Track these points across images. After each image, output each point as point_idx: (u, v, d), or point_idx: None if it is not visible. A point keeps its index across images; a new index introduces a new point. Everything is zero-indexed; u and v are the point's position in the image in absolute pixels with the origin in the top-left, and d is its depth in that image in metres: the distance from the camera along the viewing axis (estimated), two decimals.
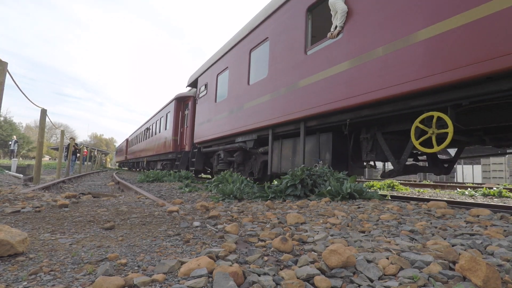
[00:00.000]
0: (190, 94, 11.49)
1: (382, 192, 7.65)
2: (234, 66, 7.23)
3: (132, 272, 1.24)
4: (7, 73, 4.51)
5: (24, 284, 1.11)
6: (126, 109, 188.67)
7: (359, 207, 2.88)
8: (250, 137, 6.51)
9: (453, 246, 1.53)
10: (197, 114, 9.75)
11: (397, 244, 1.60)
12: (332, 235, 1.88)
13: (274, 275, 1.21)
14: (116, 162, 42.60)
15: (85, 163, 20.73)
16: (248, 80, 6.47)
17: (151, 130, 17.52)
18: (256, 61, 6.32)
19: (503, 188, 7.41)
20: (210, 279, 1.13)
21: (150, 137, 17.59)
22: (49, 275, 1.20)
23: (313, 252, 1.53)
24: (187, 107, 11.85)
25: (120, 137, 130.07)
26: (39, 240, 1.69)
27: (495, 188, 7.46)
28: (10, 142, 23.33)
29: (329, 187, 3.68)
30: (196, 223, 2.22)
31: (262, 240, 1.84)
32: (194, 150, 10.00)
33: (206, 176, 13.44)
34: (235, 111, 6.93)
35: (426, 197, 6.10)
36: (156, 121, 16.17)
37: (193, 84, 10.63)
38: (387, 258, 1.32)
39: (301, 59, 4.88)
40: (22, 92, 5.82)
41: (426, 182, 10.52)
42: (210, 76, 8.83)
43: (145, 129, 19.50)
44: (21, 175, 9.85)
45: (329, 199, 3.40)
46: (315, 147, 4.92)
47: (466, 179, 18.71)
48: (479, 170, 18.09)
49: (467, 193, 7.45)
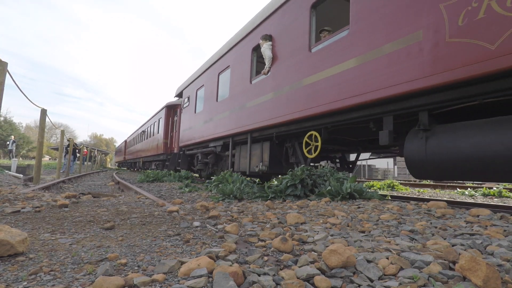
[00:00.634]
0: (179, 103, 12.91)
1: (382, 192, 7.65)
2: (208, 85, 8.95)
3: (132, 272, 1.24)
4: (7, 73, 4.51)
5: (24, 284, 1.11)
6: (126, 109, 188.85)
7: (359, 207, 2.88)
8: (219, 143, 8.12)
9: (453, 246, 1.53)
10: (182, 122, 11.37)
11: (397, 244, 1.60)
12: (332, 235, 1.88)
13: (274, 275, 1.21)
14: (116, 162, 44.24)
15: (85, 163, 20.73)
16: (217, 98, 8.17)
17: (146, 133, 19.20)
18: (223, 83, 8.01)
19: (503, 188, 7.42)
20: (210, 279, 1.13)
21: (145, 140, 19.29)
22: (49, 275, 1.20)
23: (313, 252, 1.53)
24: (176, 114, 13.42)
25: (120, 137, 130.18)
26: (39, 240, 1.69)
27: (495, 188, 7.46)
28: (8, 142, 23.30)
29: (329, 187, 3.68)
30: (196, 223, 2.22)
31: (262, 240, 1.84)
32: (180, 153, 11.38)
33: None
34: (208, 121, 8.63)
35: (426, 197, 6.10)
36: (150, 125, 17.93)
37: (180, 95, 12.26)
38: (387, 258, 1.32)
39: (248, 87, 6.55)
40: (22, 92, 5.83)
41: (426, 182, 10.53)
42: (192, 91, 10.47)
43: (141, 132, 21.26)
44: (21, 175, 9.85)
45: (329, 199, 3.40)
46: (259, 152, 6.28)
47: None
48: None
49: (467, 193, 7.46)
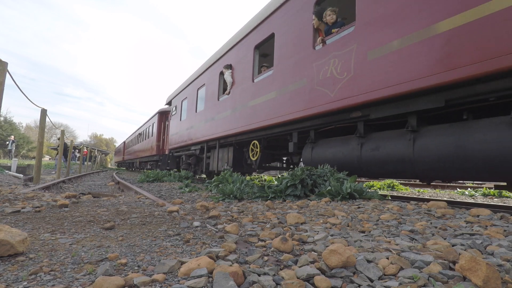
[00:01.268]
0: (169, 110, 14.46)
1: (382, 192, 7.65)
2: (190, 98, 10.69)
3: (132, 272, 1.24)
4: (7, 73, 4.51)
5: (24, 284, 1.11)
6: (126, 109, 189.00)
7: (359, 207, 2.88)
8: (198, 147, 9.74)
9: (453, 246, 1.53)
10: (170, 128, 13.17)
11: (397, 244, 1.60)
12: (332, 235, 1.88)
13: (274, 275, 1.21)
14: (115, 162, 45.82)
15: (85, 163, 20.72)
16: (196, 109, 9.88)
17: (142, 136, 20.92)
18: (200, 97, 9.68)
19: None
20: (210, 279, 1.13)
21: (141, 142, 20.98)
22: (49, 275, 1.20)
23: (313, 252, 1.53)
24: (167, 119, 14.95)
25: (120, 137, 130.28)
26: (39, 240, 1.69)
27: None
28: (8, 142, 23.29)
29: (329, 187, 3.68)
30: (196, 223, 2.22)
31: (262, 240, 1.84)
32: (170, 154, 13.04)
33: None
34: (189, 128, 10.34)
35: (426, 197, 6.10)
36: (146, 129, 19.75)
37: (169, 104, 14.15)
38: (387, 258, 1.32)
39: (216, 103, 8.20)
40: (22, 92, 5.83)
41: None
42: (178, 101, 12.33)
43: (138, 134, 22.99)
44: (21, 175, 9.84)
45: (329, 199, 3.40)
46: (226, 155, 7.90)
47: None
48: None
49: (467, 193, 7.45)
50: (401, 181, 10.83)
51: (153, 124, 16.96)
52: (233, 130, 6.94)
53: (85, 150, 22.38)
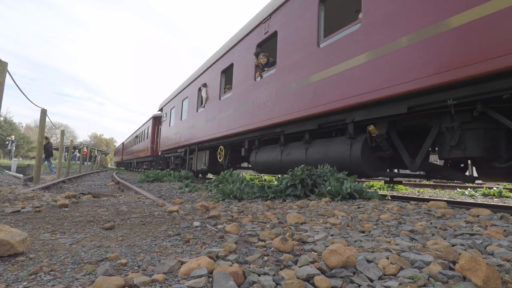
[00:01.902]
0: (162, 115, 16.20)
1: (382, 192, 7.65)
2: (177, 107, 12.54)
3: (132, 272, 1.24)
4: (7, 73, 4.51)
5: (24, 284, 1.11)
6: (126, 109, 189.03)
7: (359, 207, 2.88)
8: (183, 150, 11.41)
9: (453, 246, 1.53)
10: (162, 132, 15.02)
11: (397, 244, 1.60)
12: (332, 235, 1.88)
13: (274, 275, 1.21)
14: (114, 162, 47.52)
15: (85, 163, 20.71)
16: (181, 117, 11.63)
17: (139, 138, 22.65)
18: (185, 107, 11.39)
19: (503, 188, 7.42)
20: (210, 279, 1.13)
21: (138, 143, 22.73)
22: (49, 275, 1.20)
23: (313, 252, 1.53)
24: (160, 124, 16.49)
25: (120, 137, 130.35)
26: (39, 240, 1.69)
27: (495, 188, 7.46)
28: (7, 142, 23.26)
29: (329, 187, 3.68)
30: (196, 223, 2.22)
31: (262, 240, 1.84)
32: (161, 155, 14.83)
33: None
34: (176, 134, 12.05)
35: (426, 197, 6.10)
36: (141, 132, 21.61)
37: (161, 110, 15.90)
38: (387, 258, 1.32)
39: (195, 114, 9.80)
40: (22, 92, 5.82)
41: (426, 182, 10.53)
42: (168, 109, 14.10)
43: (135, 136, 24.79)
44: (21, 175, 9.84)
45: (329, 199, 3.40)
46: (203, 157, 9.36)
47: None
48: None
49: (467, 193, 7.45)
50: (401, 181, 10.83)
51: (148, 128, 18.84)
52: (207, 137, 8.58)
53: (85, 150, 22.40)
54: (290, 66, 5.24)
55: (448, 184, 9.55)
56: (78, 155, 17.39)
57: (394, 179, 6.98)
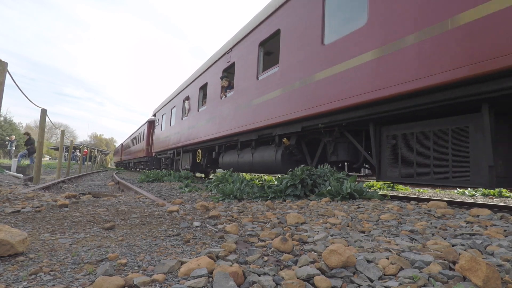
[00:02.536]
0: (155, 119, 18.12)
1: (382, 192, 7.64)
2: (166, 114, 14.23)
3: (132, 272, 1.24)
4: (7, 73, 4.51)
5: (24, 284, 1.11)
6: (126, 109, 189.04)
7: (359, 207, 2.88)
8: (171, 152, 13.07)
9: (453, 246, 1.53)
10: (155, 135, 16.83)
11: (397, 244, 1.60)
12: (332, 235, 1.87)
13: (274, 275, 1.21)
14: (114, 162, 48.97)
15: (85, 163, 20.71)
16: (170, 123, 13.32)
17: (136, 140, 24.36)
18: (173, 115, 12.97)
19: (503, 188, 7.41)
20: (210, 279, 1.13)
21: (135, 145, 24.45)
22: (49, 275, 1.19)
23: (313, 252, 1.53)
24: (154, 127, 17.97)
25: (120, 137, 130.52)
26: (39, 240, 1.69)
27: (495, 188, 7.45)
28: (7, 142, 23.22)
29: (329, 187, 3.68)
30: (196, 223, 2.22)
31: (262, 240, 1.84)
32: (154, 156, 16.82)
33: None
34: (166, 137, 13.64)
35: (426, 197, 6.09)
36: (138, 134, 23.27)
37: (155, 115, 17.73)
38: (387, 258, 1.32)
39: (180, 122, 11.46)
40: (22, 92, 5.82)
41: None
42: (160, 115, 15.77)
43: (133, 138, 26.48)
44: (21, 175, 9.83)
45: (329, 199, 3.40)
46: (187, 158, 10.94)
47: None
48: None
49: (467, 193, 7.45)
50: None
51: (144, 131, 20.50)
52: (189, 142, 10.15)
53: (85, 150, 22.42)
54: (242, 91, 6.80)
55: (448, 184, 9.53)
56: (79, 155, 17.45)
57: None
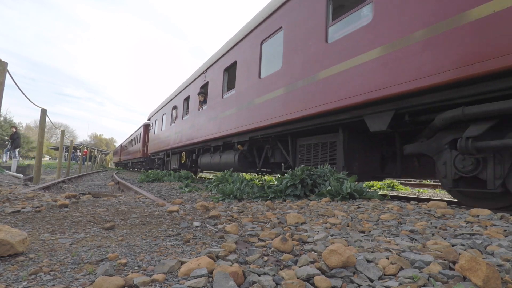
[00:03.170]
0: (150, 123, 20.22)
1: (382, 192, 7.65)
2: (159, 120, 15.94)
3: (132, 272, 1.24)
4: (7, 73, 4.50)
5: (24, 284, 1.11)
6: (126, 109, 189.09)
7: (359, 207, 2.88)
8: (163, 153, 14.69)
9: (453, 246, 1.53)
10: (149, 138, 18.58)
11: (397, 244, 1.60)
12: (332, 235, 1.87)
13: (274, 275, 1.21)
14: (113, 162, 50.32)
15: (85, 163, 20.71)
16: (162, 128, 14.95)
17: (133, 141, 26.06)
18: (164, 121, 14.72)
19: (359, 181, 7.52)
20: (210, 279, 1.13)
21: (133, 146, 26.07)
22: (49, 275, 1.19)
23: (313, 252, 1.53)
24: (149, 131, 19.70)
25: (120, 137, 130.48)
26: (39, 240, 1.69)
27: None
28: (7, 143, 23.15)
29: (329, 187, 3.67)
30: (196, 223, 2.22)
31: (262, 240, 1.83)
32: (149, 157, 18.74)
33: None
34: (158, 140, 15.35)
35: (426, 197, 6.10)
36: (135, 136, 25.12)
37: (149, 119, 19.39)
38: (387, 258, 1.32)
39: (169, 128, 13.18)
40: (22, 92, 5.82)
41: (426, 182, 10.53)
42: (154, 120, 17.57)
43: (131, 140, 28.16)
44: (21, 175, 9.83)
45: (329, 199, 3.40)
46: (176, 159, 12.74)
47: None
48: None
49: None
50: (401, 181, 10.84)
51: (140, 133, 22.11)
52: (176, 145, 11.81)
53: (85, 150, 22.42)
54: (212, 106, 8.49)
55: None
56: (79, 155, 17.53)
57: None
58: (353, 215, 2.51)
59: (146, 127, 20.44)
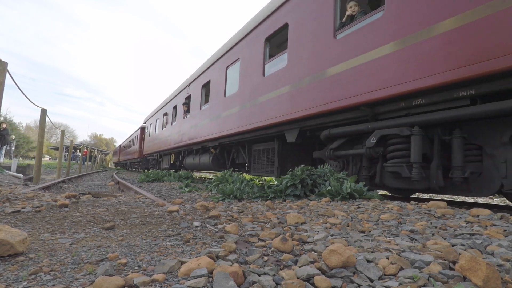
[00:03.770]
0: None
1: (382, 192, 7.64)
2: (153, 123, 17.54)
3: (132, 272, 1.24)
4: (7, 73, 4.50)
5: (24, 284, 1.11)
6: (126, 109, 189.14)
7: (359, 207, 2.88)
8: (156, 154, 16.30)
9: (453, 246, 1.53)
10: (145, 140, 20.21)
11: (397, 244, 1.60)
12: (332, 235, 1.87)
13: (274, 275, 1.21)
14: (113, 162, 51.35)
15: (85, 163, 20.71)
16: (155, 131, 16.48)
17: (131, 143, 27.56)
18: (157, 124, 16.25)
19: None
20: (210, 279, 1.13)
21: (131, 147, 27.60)
22: (49, 275, 1.19)
23: (313, 252, 1.53)
24: (144, 133, 21.33)
25: (120, 137, 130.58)
26: (39, 240, 1.69)
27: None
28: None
29: (329, 187, 3.67)
30: (196, 223, 2.22)
31: (262, 240, 1.83)
32: (144, 158, 20.47)
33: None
34: (152, 142, 16.84)
35: (426, 197, 6.09)
36: (133, 138, 26.60)
37: (145, 123, 21.02)
38: (387, 258, 1.32)
39: (162, 131, 14.77)
40: (22, 92, 5.82)
41: None
42: (148, 123, 19.21)
43: (129, 141, 29.72)
44: (21, 175, 9.83)
45: (329, 199, 3.40)
46: (167, 160, 14.30)
47: None
48: None
49: None
50: None
51: (137, 135, 23.55)
52: (166, 147, 13.23)
53: (85, 150, 22.44)
54: (193, 115, 9.98)
55: None
56: (79, 155, 17.58)
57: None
58: (353, 215, 2.51)
59: (143, 130, 22.17)
